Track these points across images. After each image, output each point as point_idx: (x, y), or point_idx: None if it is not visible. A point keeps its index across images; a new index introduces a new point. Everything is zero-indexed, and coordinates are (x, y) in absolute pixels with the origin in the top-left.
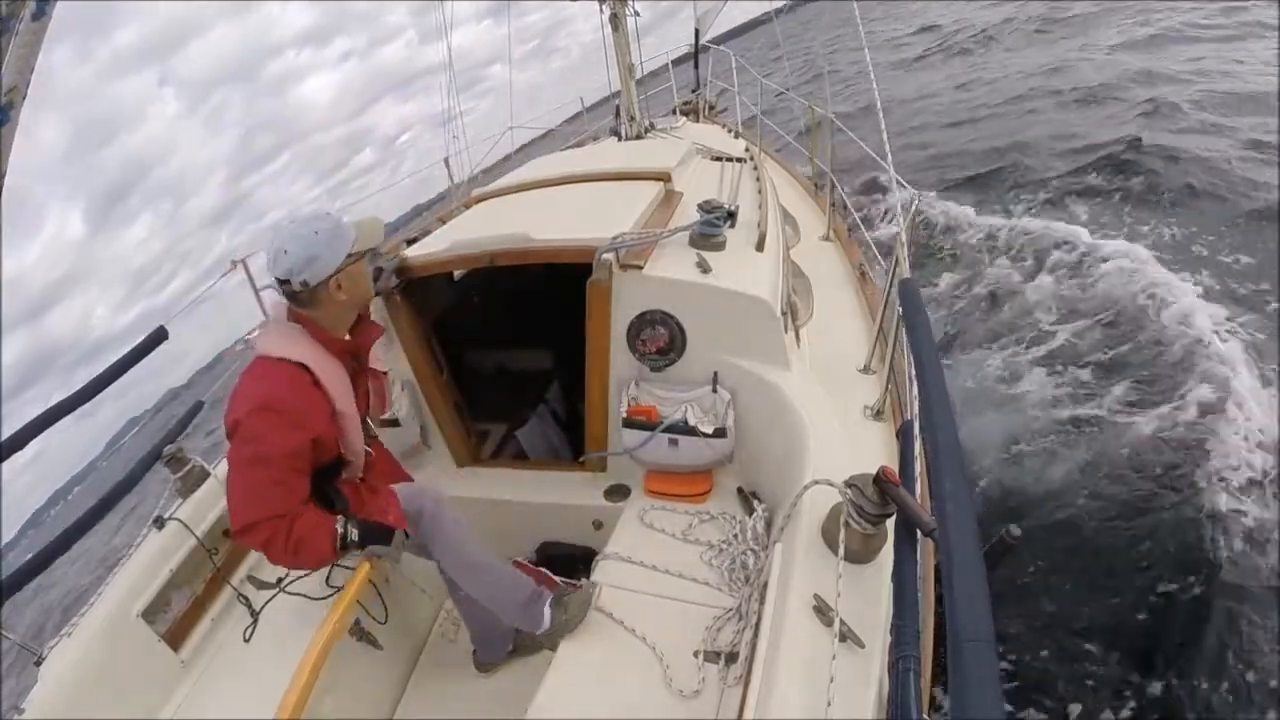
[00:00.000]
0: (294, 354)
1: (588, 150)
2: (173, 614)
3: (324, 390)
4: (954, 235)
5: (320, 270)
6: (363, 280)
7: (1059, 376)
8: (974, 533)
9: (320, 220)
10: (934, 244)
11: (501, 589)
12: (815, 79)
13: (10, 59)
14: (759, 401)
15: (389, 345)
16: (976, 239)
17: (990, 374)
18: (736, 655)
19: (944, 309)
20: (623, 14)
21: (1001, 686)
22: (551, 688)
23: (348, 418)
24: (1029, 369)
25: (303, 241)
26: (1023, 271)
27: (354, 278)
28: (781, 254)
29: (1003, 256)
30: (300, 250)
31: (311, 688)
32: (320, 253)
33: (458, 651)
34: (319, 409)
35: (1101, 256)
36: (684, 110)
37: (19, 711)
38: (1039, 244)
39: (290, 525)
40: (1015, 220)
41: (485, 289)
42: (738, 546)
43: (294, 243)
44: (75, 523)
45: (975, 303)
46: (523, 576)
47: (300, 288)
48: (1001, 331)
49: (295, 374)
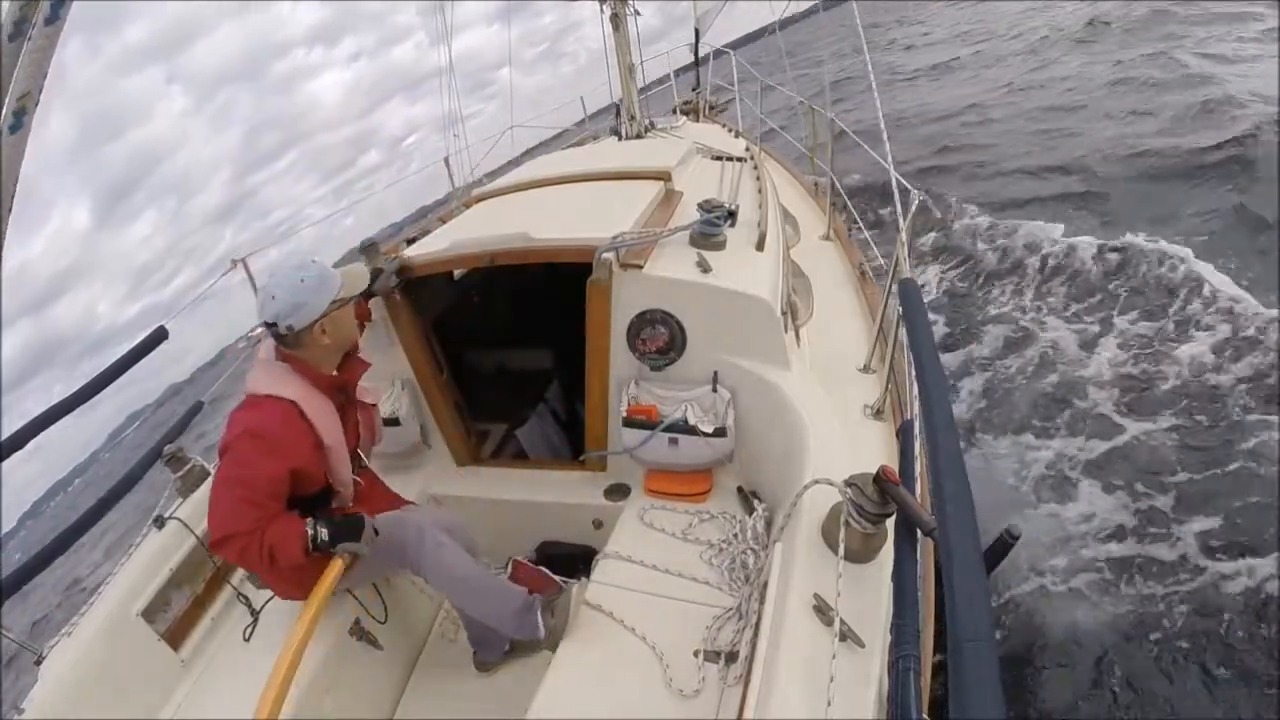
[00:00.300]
0: (282, 391)
1: (588, 150)
2: (173, 614)
3: (310, 424)
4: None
5: (306, 316)
6: (346, 324)
7: (1118, 493)
8: (974, 533)
9: (307, 269)
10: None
11: (493, 604)
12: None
13: (23, 64)
14: (759, 401)
15: (389, 345)
16: (1042, 269)
17: (1028, 469)
18: (736, 655)
19: (986, 371)
20: (623, 14)
21: (1001, 686)
22: (551, 687)
23: (334, 450)
24: (1078, 473)
25: (290, 289)
26: (1090, 328)
27: (338, 322)
28: (781, 253)
29: (1071, 302)
30: (288, 297)
31: (289, 687)
32: (307, 299)
33: (458, 651)
34: (303, 441)
35: (1201, 322)
36: (684, 110)
37: (19, 711)
38: (1125, 286)
39: (261, 537)
40: (1103, 252)
41: (485, 289)
42: (738, 546)
43: (282, 290)
44: (75, 522)
45: (1025, 365)
46: (513, 588)
47: (286, 331)
48: (1051, 410)
49: (284, 408)
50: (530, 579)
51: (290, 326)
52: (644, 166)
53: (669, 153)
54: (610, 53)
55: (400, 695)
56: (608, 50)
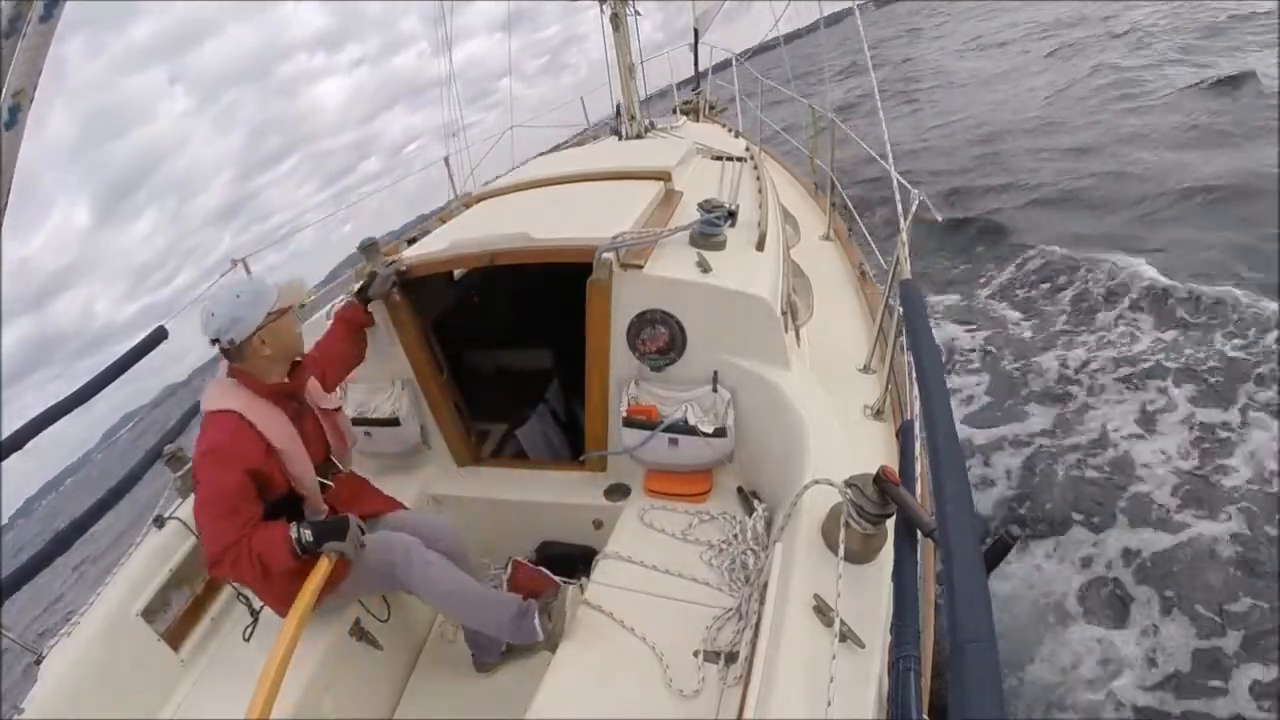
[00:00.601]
0: (227, 404)
1: (588, 149)
2: (172, 614)
3: (257, 430)
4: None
5: (244, 328)
6: (286, 334)
7: (1175, 617)
8: (974, 533)
9: (244, 285)
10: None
11: (488, 614)
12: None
13: (18, 61)
14: (759, 401)
15: (389, 345)
16: (1105, 315)
17: (1072, 575)
18: (736, 655)
19: (1026, 449)
20: (623, 14)
21: (1002, 686)
22: (551, 688)
23: (287, 453)
24: (1130, 581)
25: (227, 304)
26: (1151, 397)
27: (277, 333)
28: (782, 253)
29: (1143, 377)
30: (225, 312)
31: (279, 689)
32: (244, 313)
33: (457, 651)
34: (252, 447)
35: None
36: (684, 110)
37: (19, 711)
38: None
39: (248, 546)
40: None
41: (485, 289)
42: (738, 546)
43: (220, 306)
44: (75, 522)
45: (1065, 450)
46: (505, 596)
47: (229, 345)
48: (1104, 497)
49: (229, 418)
50: (530, 579)
51: (231, 340)
52: (644, 166)
53: (669, 153)
54: (610, 52)
55: (400, 695)
56: (608, 50)
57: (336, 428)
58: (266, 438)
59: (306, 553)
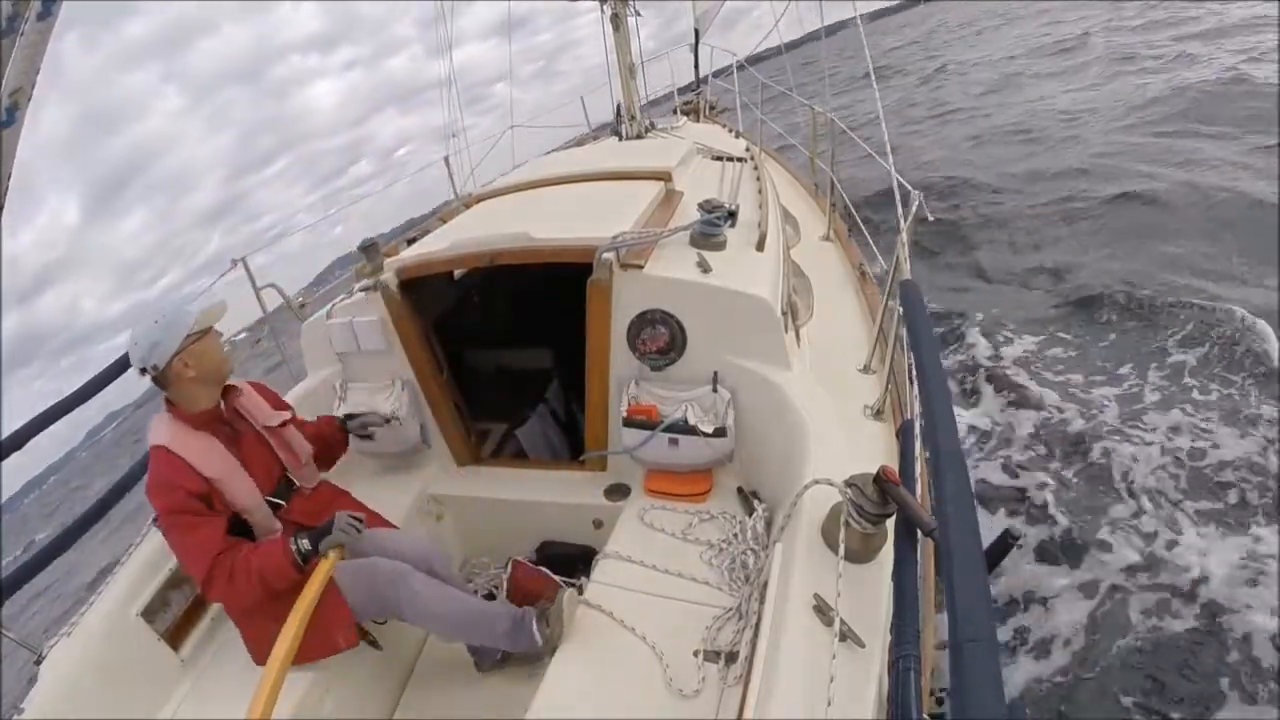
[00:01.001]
0: (158, 439)
1: (588, 150)
2: (172, 613)
3: (185, 461)
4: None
5: (163, 353)
6: (209, 356)
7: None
8: (974, 533)
9: (161, 311)
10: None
11: (484, 630)
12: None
13: (16, 59)
14: (759, 401)
15: (389, 345)
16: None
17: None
18: (736, 655)
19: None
20: (623, 14)
21: (1002, 686)
22: (551, 688)
23: (221, 481)
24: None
25: (145, 331)
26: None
27: (199, 355)
28: (782, 254)
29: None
30: (144, 339)
31: (280, 689)
32: (160, 338)
33: (457, 652)
34: (185, 476)
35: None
36: (684, 110)
37: (19, 711)
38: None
39: (232, 561)
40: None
41: (485, 288)
42: (738, 546)
43: (139, 333)
44: (75, 522)
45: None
46: (500, 609)
47: (154, 371)
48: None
49: (158, 454)
50: (530, 579)
51: (155, 366)
52: (644, 166)
53: (669, 153)
54: (610, 52)
55: (400, 695)
56: (608, 50)
57: (286, 444)
58: (195, 468)
59: (307, 561)
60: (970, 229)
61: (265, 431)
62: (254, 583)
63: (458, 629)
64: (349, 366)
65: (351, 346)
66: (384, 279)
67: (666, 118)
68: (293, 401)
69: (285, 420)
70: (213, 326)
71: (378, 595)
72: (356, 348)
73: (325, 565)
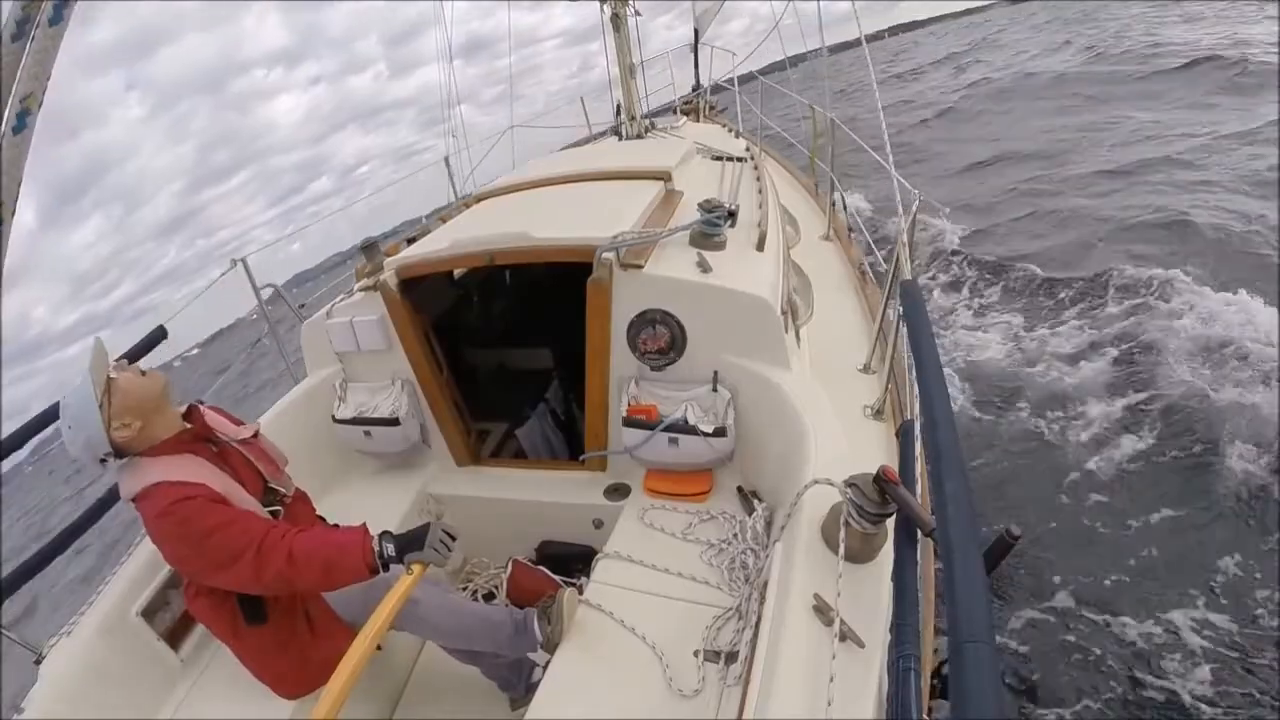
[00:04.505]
0: (145, 482)
1: (588, 149)
2: (172, 613)
3: (190, 481)
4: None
5: (99, 440)
6: (132, 396)
7: None
8: (974, 533)
9: (63, 413)
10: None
11: (486, 637)
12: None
13: (26, 65)
14: (759, 401)
15: (389, 345)
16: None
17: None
18: (736, 655)
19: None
20: (623, 14)
21: (1002, 686)
22: (551, 687)
23: (231, 496)
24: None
25: (72, 438)
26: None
27: (123, 407)
28: (782, 253)
29: None
30: (76, 440)
31: (349, 690)
32: (86, 429)
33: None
34: (197, 485)
35: None
36: (684, 110)
37: (19, 711)
38: None
39: (290, 540)
40: None
41: (485, 288)
42: (738, 546)
43: (69, 441)
44: (75, 521)
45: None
46: (499, 613)
47: (110, 456)
48: None
49: (159, 489)
50: (530, 579)
51: (105, 453)
52: (644, 166)
53: (669, 153)
54: (610, 51)
55: (400, 695)
56: (608, 50)
57: (263, 454)
58: (206, 484)
59: (386, 568)
60: None
61: (240, 445)
62: (316, 569)
63: (461, 638)
64: (349, 366)
65: (351, 346)
66: (384, 278)
67: (666, 118)
68: (293, 401)
69: (255, 430)
70: (108, 369)
71: (375, 605)
72: (356, 347)
73: (407, 580)
